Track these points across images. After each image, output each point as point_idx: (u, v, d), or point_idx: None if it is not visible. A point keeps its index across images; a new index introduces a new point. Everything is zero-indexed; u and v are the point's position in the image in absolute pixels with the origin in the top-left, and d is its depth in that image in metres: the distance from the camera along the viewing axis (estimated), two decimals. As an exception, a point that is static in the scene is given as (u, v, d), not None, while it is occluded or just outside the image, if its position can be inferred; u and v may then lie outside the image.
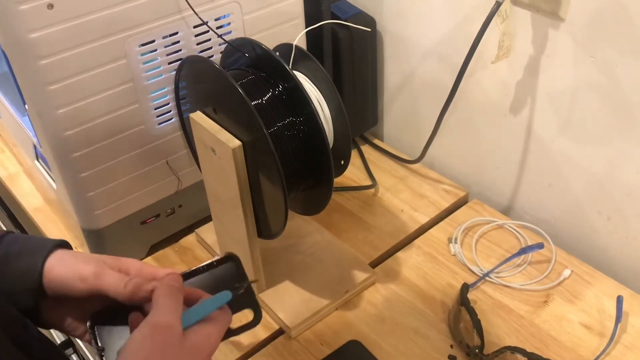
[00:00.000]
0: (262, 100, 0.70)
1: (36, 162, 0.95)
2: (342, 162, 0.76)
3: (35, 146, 0.92)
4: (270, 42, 0.74)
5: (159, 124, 0.81)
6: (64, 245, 0.58)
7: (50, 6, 0.65)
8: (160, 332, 0.49)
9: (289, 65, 0.70)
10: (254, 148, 0.68)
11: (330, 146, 0.71)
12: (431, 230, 0.93)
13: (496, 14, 0.76)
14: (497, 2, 0.75)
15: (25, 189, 1.06)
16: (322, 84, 0.74)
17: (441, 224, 0.94)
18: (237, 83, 0.66)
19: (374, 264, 0.88)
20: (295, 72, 0.72)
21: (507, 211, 0.99)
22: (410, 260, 0.88)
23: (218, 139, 0.69)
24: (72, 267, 0.55)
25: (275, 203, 0.70)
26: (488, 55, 0.86)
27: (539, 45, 0.81)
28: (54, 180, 0.88)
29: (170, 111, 0.82)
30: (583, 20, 0.75)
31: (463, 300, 0.76)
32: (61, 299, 0.55)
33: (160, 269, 0.57)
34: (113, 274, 0.55)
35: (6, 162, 1.12)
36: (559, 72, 0.80)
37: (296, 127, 0.70)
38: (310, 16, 0.91)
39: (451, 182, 1.02)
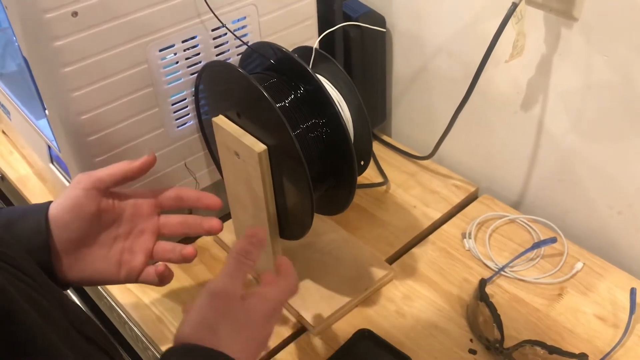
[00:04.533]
0: (285, 102, 0.71)
1: (51, 165, 0.95)
2: (362, 163, 0.77)
3: (49, 148, 0.92)
4: (284, 43, 0.75)
5: (178, 126, 0.82)
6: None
7: (75, 14, 0.66)
8: (219, 299, 0.55)
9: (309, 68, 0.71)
10: (279, 151, 0.69)
11: (352, 148, 0.72)
12: (444, 226, 0.95)
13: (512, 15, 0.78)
14: (513, 3, 0.76)
15: (36, 190, 1.06)
16: (342, 85, 0.75)
17: (453, 219, 0.96)
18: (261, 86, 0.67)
19: (390, 261, 0.90)
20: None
21: (516, 206, 1.00)
22: (425, 256, 0.90)
23: (243, 143, 0.70)
24: (66, 194, 0.64)
25: (300, 205, 0.71)
26: (500, 53, 0.87)
27: (552, 44, 0.82)
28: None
29: (188, 114, 0.82)
30: (596, 20, 0.76)
31: (482, 295, 0.78)
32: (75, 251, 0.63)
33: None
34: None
35: (16, 163, 1.12)
36: (572, 70, 0.82)
37: (319, 128, 0.71)
38: (322, 16, 0.91)
39: (461, 178, 1.03)
